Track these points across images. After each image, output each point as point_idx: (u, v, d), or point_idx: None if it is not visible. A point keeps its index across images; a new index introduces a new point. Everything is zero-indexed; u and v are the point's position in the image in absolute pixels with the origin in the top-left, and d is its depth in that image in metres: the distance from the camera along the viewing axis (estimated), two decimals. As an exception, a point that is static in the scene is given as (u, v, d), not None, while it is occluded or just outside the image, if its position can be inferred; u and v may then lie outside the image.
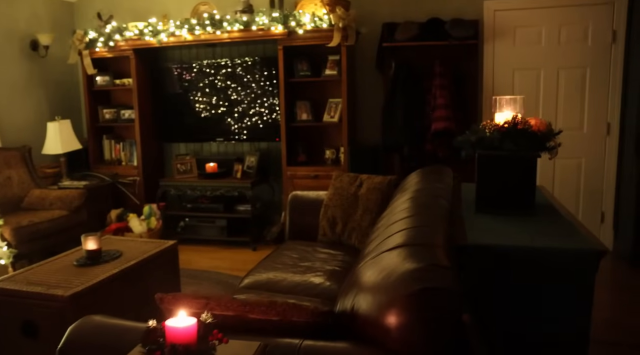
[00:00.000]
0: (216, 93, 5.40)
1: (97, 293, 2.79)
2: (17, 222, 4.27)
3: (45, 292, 2.68)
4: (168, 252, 3.43)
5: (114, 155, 5.79)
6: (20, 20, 5.37)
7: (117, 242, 3.51)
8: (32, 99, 5.52)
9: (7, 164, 4.85)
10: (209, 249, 5.26)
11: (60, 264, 3.10)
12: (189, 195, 5.43)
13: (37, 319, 2.72)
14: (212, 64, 5.35)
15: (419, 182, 2.87)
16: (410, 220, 2.03)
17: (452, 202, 2.48)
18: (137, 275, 3.10)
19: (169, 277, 3.43)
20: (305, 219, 3.71)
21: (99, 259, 3.11)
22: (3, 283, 2.81)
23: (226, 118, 5.42)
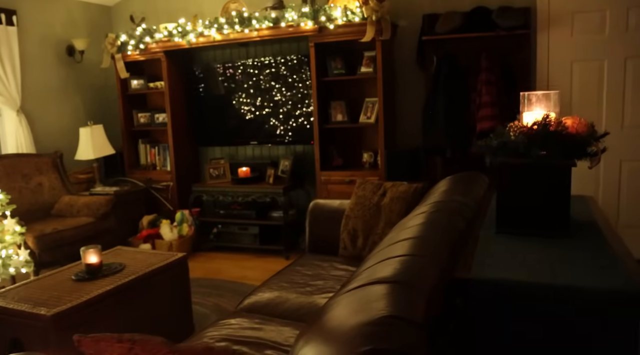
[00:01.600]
0: (252, 94, 5.16)
1: (85, 312, 2.58)
2: (41, 230, 4.20)
3: (30, 310, 2.50)
4: (176, 265, 3.19)
5: (149, 160, 5.68)
6: (57, 26, 5.36)
7: (125, 254, 3.32)
8: (68, 104, 5.50)
9: (39, 170, 4.81)
10: (241, 257, 5.03)
11: (59, 278, 2.94)
12: (222, 201, 5.22)
13: (22, 337, 2.56)
14: (246, 64, 5.12)
15: (442, 193, 2.48)
16: (410, 244, 1.66)
17: (472, 219, 2.08)
18: (136, 291, 2.88)
19: (177, 293, 3.19)
20: (327, 230, 3.37)
21: (98, 274, 2.92)
22: (-8, 298, 2.67)
23: (261, 120, 5.18)
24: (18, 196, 4.57)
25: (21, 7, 4.99)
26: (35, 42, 5.15)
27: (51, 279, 2.94)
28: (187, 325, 3.24)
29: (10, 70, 4.81)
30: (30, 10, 5.09)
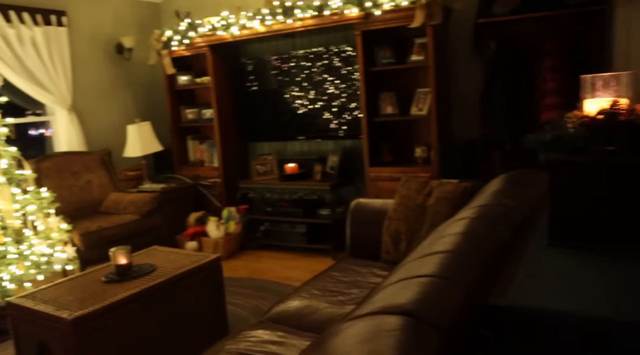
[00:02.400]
0: (299, 87, 4.97)
1: (109, 315, 2.47)
2: (87, 227, 4.19)
3: (53, 313, 2.42)
4: (208, 267, 3.04)
5: (197, 156, 5.61)
6: (105, 25, 5.38)
7: (159, 255, 3.21)
8: (117, 102, 5.51)
9: (88, 168, 4.83)
10: (287, 256, 4.86)
11: (90, 279, 2.86)
12: (268, 198, 5.06)
13: (48, 340, 2.48)
14: (293, 56, 4.93)
15: (491, 195, 2.19)
16: (440, 260, 1.40)
17: (522, 229, 1.78)
18: (165, 294, 2.75)
19: (209, 296, 3.04)
20: (369, 232, 3.13)
21: (127, 275, 2.81)
22: (20, 300, 2.61)
23: (308, 114, 4.98)
24: (68, 193, 4.60)
25: (71, 7, 5.02)
26: (84, 41, 5.18)
27: (82, 279, 2.87)
28: (220, 329, 3.09)
29: (61, 70, 4.85)
30: (79, 10, 5.12)
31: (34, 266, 3.50)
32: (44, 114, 5.08)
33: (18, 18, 4.51)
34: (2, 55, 4.39)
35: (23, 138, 5.23)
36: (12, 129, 3.70)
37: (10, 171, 3.56)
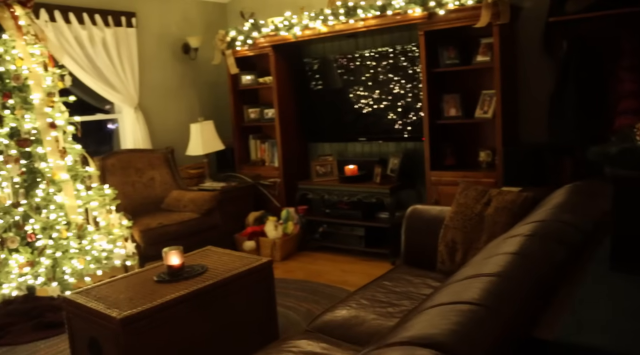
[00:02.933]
0: (362, 88, 4.89)
1: (157, 316, 2.49)
2: (147, 224, 4.29)
3: (103, 311, 2.46)
4: (259, 270, 3.02)
5: (259, 156, 5.64)
6: (173, 26, 5.50)
7: (212, 255, 3.23)
8: (182, 101, 5.63)
9: (151, 165, 4.96)
10: (345, 259, 4.79)
11: (143, 278, 2.91)
12: (327, 199, 5.01)
13: (99, 337, 2.54)
14: (354, 57, 4.86)
15: (552, 209, 2.03)
16: (485, 285, 1.27)
17: (582, 249, 1.63)
18: (213, 296, 2.75)
19: (260, 299, 3.02)
20: (425, 240, 3.00)
21: (178, 276, 2.84)
22: (74, 295, 2.69)
23: (369, 115, 4.89)
24: (131, 190, 4.74)
25: (140, 9, 5.17)
26: (152, 41, 5.32)
27: (135, 278, 2.92)
28: (271, 333, 3.07)
29: (129, 69, 5.00)
30: (148, 11, 5.26)
31: (94, 261, 3.62)
32: (113, 112, 5.26)
33: (90, 20, 4.69)
34: (75, 55, 4.58)
35: (100, 134, 5.44)
36: (79, 127, 3.84)
37: (75, 168, 3.69)
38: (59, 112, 3.68)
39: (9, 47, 3.40)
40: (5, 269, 3.26)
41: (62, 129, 3.65)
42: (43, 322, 3.51)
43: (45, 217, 3.44)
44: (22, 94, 3.45)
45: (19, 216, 3.38)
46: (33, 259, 3.33)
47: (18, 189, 3.40)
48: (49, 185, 3.47)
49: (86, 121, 5.11)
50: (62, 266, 3.46)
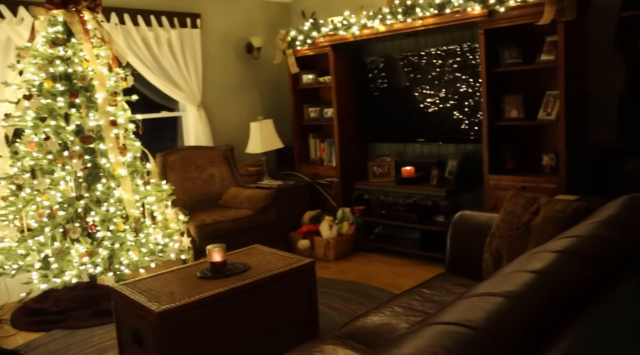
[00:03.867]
0: (426, 88, 4.79)
1: (195, 311, 2.56)
2: (202, 220, 4.42)
3: (144, 303, 2.55)
4: (300, 271, 3.03)
5: (318, 155, 5.66)
6: (236, 26, 5.62)
7: (257, 254, 3.27)
8: (244, 100, 5.74)
9: (211, 162, 5.10)
10: (399, 262, 4.71)
11: (187, 273, 2.99)
12: (383, 201, 4.94)
13: (141, 328, 2.64)
14: (418, 55, 4.75)
15: (597, 223, 1.88)
16: (499, 306, 1.20)
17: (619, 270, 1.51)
18: (253, 295, 2.78)
19: (300, 299, 3.03)
20: (471, 248, 2.89)
21: (220, 273, 2.90)
22: (120, 286, 2.81)
23: (429, 116, 4.79)
24: (191, 185, 4.89)
25: (205, 10, 5.32)
26: (216, 41, 5.46)
27: (180, 272, 3.01)
28: (311, 334, 3.07)
29: (193, 69, 5.17)
30: (213, 12, 5.41)
31: (149, 254, 3.77)
32: (177, 110, 5.45)
33: (157, 22, 4.88)
34: (141, 56, 4.78)
35: (171, 130, 5.64)
36: (140, 124, 4.01)
37: (134, 164, 3.86)
38: (122, 110, 3.85)
39: (77, 49, 3.60)
40: (67, 258, 3.45)
41: (124, 126, 3.82)
42: (101, 310, 3.70)
43: (105, 211, 3.62)
44: (88, 93, 3.65)
45: (81, 208, 3.58)
46: (92, 249, 3.51)
47: (81, 183, 3.59)
48: (109, 180, 3.65)
49: (161, 118, 5.36)
50: (119, 257, 3.63)
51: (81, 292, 3.93)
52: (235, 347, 2.72)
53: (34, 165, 3.50)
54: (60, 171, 3.51)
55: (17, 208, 3.49)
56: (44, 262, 3.49)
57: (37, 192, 3.50)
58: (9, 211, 3.53)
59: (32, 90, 3.53)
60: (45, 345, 3.44)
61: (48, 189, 3.49)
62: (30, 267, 3.47)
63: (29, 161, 3.52)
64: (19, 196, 3.51)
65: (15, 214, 3.51)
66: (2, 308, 3.94)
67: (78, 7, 3.60)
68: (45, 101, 3.50)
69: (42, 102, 3.49)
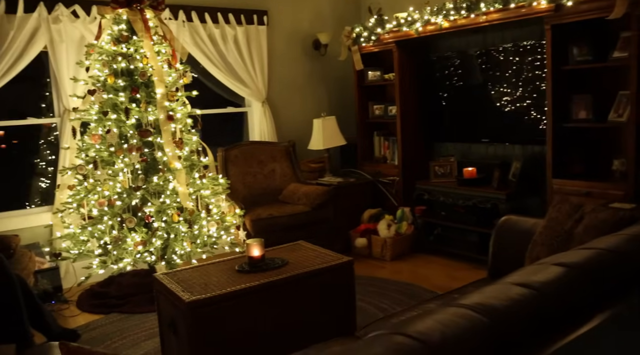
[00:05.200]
0: (492, 87, 4.60)
1: (225, 304, 2.61)
2: (258, 214, 4.50)
3: (178, 293, 2.64)
4: (337, 269, 3.01)
5: (382, 153, 5.59)
6: (304, 22, 5.67)
7: (300, 250, 3.28)
8: (309, 96, 5.78)
9: (273, 158, 5.18)
10: (457, 265, 4.56)
11: (227, 266, 3.05)
12: (442, 201, 4.80)
13: (175, 317, 2.73)
14: (480, 52, 4.59)
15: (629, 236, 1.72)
16: (472, 323, 1.14)
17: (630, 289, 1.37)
18: (285, 290, 2.80)
19: (336, 298, 3.00)
20: (513, 254, 2.75)
21: (257, 267, 2.94)
22: (161, 276, 2.92)
23: (495, 116, 4.61)
24: (252, 180, 5.00)
25: (272, 7, 5.41)
26: (283, 38, 5.54)
27: (220, 265, 3.07)
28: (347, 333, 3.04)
29: (259, 65, 5.27)
30: (281, 9, 5.49)
31: (201, 245, 3.90)
32: (244, 105, 5.58)
33: (224, 19, 5.02)
34: (208, 52, 4.94)
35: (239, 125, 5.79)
36: (199, 119, 4.15)
37: (190, 158, 4.00)
38: (181, 105, 4.01)
39: (138, 46, 3.79)
40: (123, 246, 3.65)
41: (182, 121, 3.97)
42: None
43: (161, 202, 3.78)
44: (148, 89, 3.82)
45: (138, 199, 3.76)
46: (147, 239, 3.68)
47: (139, 174, 3.78)
48: (165, 172, 3.80)
49: (228, 113, 5.52)
50: (173, 247, 3.78)
51: (142, 278, 4.14)
52: (266, 340, 2.75)
53: (95, 156, 3.72)
54: (120, 163, 3.71)
55: (80, 197, 3.73)
56: (103, 248, 3.70)
57: (98, 182, 3.72)
58: (75, 199, 3.78)
59: (97, 85, 3.76)
60: (102, 327, 3.66)
61: (107, 179, 3.69)
62: (90, 253, 3.70)
63: (92, 153, 3.75)
64: (82, 186, 3.75)
65: (78, 203, 3.75)
66: (70, 290, 4.23)
67: (141, 6, 3.78)
68: (107, 96, 3.71)
69: (104, 97, 3.70)
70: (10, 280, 3.14)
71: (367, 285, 4.18)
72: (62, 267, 4.20)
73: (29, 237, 4.26)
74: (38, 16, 4.16)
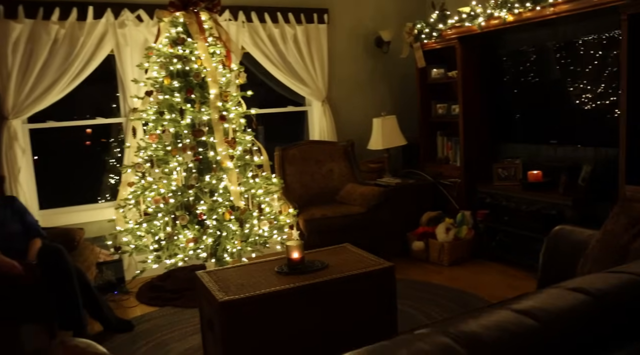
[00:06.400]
0: (561, 83, 4.33)
1: (258, 305, 2.61)
2: (312, 214, 4.48)
3: (214, 292, 2.67)
4: (376, 275, 2.92)
5: (444, 153, 5.41)
6: (366, 19, 5.57)
7: (343, 253, 3.22)
8: (370, 95, 5.68)
9: (331, 157, 5.14)
10: (517, 274, 4.33)
11: (267, 266, 3.05)
12: (505, 206, 4.55)
13: (212, 315, 2.76)
14: (559, 46, 4.29)
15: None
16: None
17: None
18: (321, 294, 2.76)
19: (374, 303, 2.91)
20: (565, 266, 2.56)
21: (296, 269, 2.92)
22: (201, 274, 2.97)
23: (567, 115, 4.31)
24: (309, 179, 4.99)
25: (333, 5, 5.36)
26: (343, 36, 5.48)
27: (260, 266, 3.08)
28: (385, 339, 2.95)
29: (319, 64, 5.24)
30: (342, 7, 5.43)
31: (252, 244, 3.93)
32: (304, 104, 5.58)
33: (283, 18, 5.03)
34: (267, 52, 4.98)
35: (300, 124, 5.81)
36: (254, 119, 4.19)
37: (243, 157, 4.04)
38: (236, 105, 4.06)
39: (193, 48, 3.87)
40: (176, 242, 3.75)
41: (235, 121, 4.02)
42: (206, 292, 3.96)
43: (213, 200, 3.85)
44: (202, 89, 3.90)
45: (191, 197, 3.85)
46: (199, 236, 3.76)
47: (192, 173, 3.87)
48: (217, 171, 3.87)
49: (289, 112, 5.55)
50: (223, 245, 3.84)
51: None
52: (300, 343, 2.72)
53: (152, 155, 3.85)
54: (174, 162, 3.81)
55: (138, 194, 3.87)
56: (157, 244, 3.82)
57: (154, 180, 3.85)
58: (134, 196, 3.93)
59: (155, 86, 3.88)
60: (155, 319, 3.79)
61: (162, 177, 3.81)
62: (146, 248, 3.83)
63: (150, 152, 3.88)
64: (139, 183, 3.90)
65: (137, 199, 3.90)
66: (131, 282, 4.41)
67: (197, 9, 3.86)
68: (163, 97, 3.82)
69: (160, 98, 3.82)
70: (69, 272, 3.32)
71: (420, 290, 4.06)
72: (124, 259, 4.39)
73: (96, 230, 4.49)
74: (106, 21, 4.37)
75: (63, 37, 4.25)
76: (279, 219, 4.19)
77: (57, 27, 4.23)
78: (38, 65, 4.20)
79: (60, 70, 4.27)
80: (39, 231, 3.57)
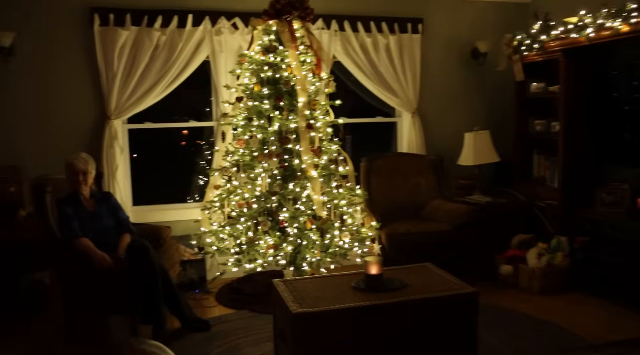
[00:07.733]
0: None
1: (331, 320, 2.54)
2: (395, 229, 4.36)
3: (287, 302, 2.63)
4: (460, 300, 2.75)
5: (541, 173, 5.08)
6: (463, 30, 5.38)
7: (425, 273, 3.08)
8: (463, 108, 5.47)
9: (419, 171, 4.99)
10: (620, 312, 3.89)
11: (344, 281, 2.97)
12: (608, 235, 4.17)
13: (284, 325, 2.73)
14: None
15: None
16: None
17: None
18: (395, 315, 2.64)
19: (453, 331, 2.74)
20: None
21: (372, 287, 2.82)
22: (277, 283, 2.94)
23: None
24: (394, 193, 4.88)
25: (429, 14, 5.23)
26: (438, 47, 5.32)
27: (339, 279, 3.01)
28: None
29: (411, 75, 5.12)
30: (437, 17, 5.28)
31: (332, 255, 3.88)
32: (393, 116, 5.46)
33: (377, 28, 4.97)
34: (358, 61, 4.93)
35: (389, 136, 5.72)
36: (341, 128, 4.15)
37: (328, 167, 4.00)
38: (323, 114, 4.03)
39: (284, 56, 3.89)
40: (257, 248, 3.77)
41: (323, 130, 3.99)
42: (284, 299, 3.95)
43: (295, 208, 3.84)
44: (291, 97, 3.91)
45: (274, 204, 3.86)
46: (279, 243, 3.76)
47: (277, 180, 3.88)
48: (302, 180, 3.85)
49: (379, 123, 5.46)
50: (303, 254, 3.82)
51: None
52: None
53: (239, 160, 3.91)
54: (260, 168, 3.84)
55: (224, 197, 3.94)
56: (239, 248, 3.87)
57: (240, 185, 3.90)
58: (219, 199, 4.01)
59: (246, 93, 3.94)
60: (231, 321, 3.82)
61: (248, 183, 3.85)
62: (227, 251, 3.89)
63: (237, 157, 3.94)
64: (225, 187, 3.97)
65: (222, 202, 3.97)
66: (212, 282, 4.49)
67: (290, 17, 3.88)
68: (253, 103, 3.87)
69: (249, 104, 3.87)
70: (153, 269, 3.43)
71: (505, 318, 3.81)
72: (207, 260, 4.49)
73: (183, 229, 4.63)
74: (204, 29, 4.53)
75: (164, 43, 4.46)
76: (361, 232, 4.11)
77: (159, 34, 4.44)
78: (140, 69, 4.42)
79: (159, 75, 4.48)
80: (129, 227, 3.72)
